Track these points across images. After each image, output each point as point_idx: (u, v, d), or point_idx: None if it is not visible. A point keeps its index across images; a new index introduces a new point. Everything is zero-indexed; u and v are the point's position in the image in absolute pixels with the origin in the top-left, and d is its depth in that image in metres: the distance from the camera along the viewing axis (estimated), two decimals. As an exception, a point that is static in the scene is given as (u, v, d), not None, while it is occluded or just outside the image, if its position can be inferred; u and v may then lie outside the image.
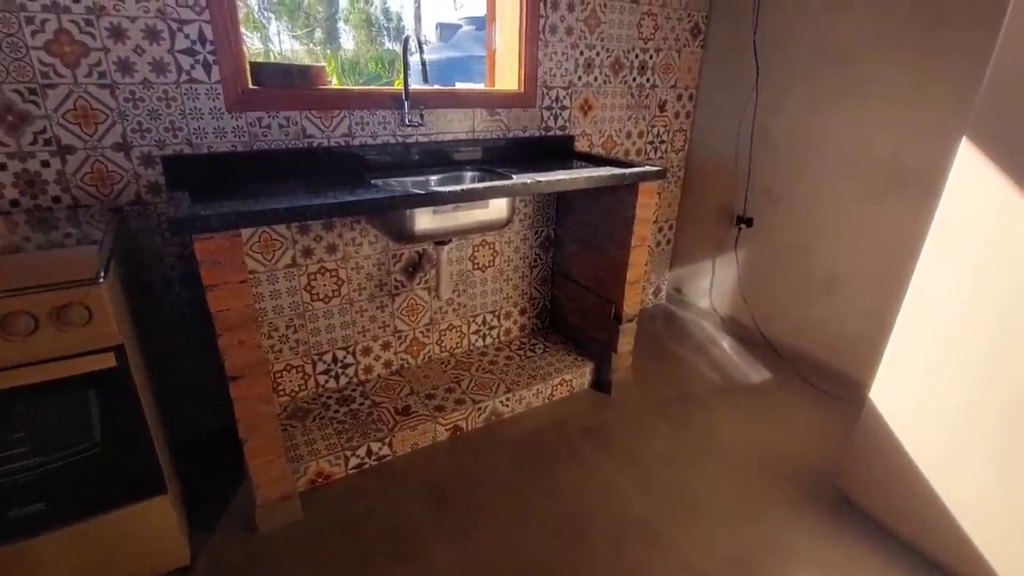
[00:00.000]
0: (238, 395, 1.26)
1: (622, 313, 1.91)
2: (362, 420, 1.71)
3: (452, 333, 2.09)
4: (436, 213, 1.53)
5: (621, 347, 1.98)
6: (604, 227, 1.91)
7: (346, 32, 11.10)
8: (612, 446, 1.77)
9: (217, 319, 1.18)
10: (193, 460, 1.62)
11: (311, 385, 1.83)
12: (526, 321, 2.28)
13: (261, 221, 1.14)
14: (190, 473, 1.57)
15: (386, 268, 1.84)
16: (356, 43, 10.88)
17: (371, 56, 10.05)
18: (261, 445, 1.34)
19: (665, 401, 2.02)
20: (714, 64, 2.37)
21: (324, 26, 10.77)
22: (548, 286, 2.28)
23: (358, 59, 10.12)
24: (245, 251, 1.58)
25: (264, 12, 9.85)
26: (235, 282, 1.17)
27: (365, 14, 10.14)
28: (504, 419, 1.89)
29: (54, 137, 1.33)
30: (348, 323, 1.83)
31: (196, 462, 1.62)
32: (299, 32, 10.17)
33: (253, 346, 1.24)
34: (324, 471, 1.57)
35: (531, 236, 2.14)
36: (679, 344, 2.45)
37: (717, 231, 2.50)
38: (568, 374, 2.01)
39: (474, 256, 2.03)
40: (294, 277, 1.68)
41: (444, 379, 1.95)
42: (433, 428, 1.74)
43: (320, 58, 9.00)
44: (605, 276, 1.96)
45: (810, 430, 1.87)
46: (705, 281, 2.62)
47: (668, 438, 1.82)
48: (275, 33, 10.09)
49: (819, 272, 2.11)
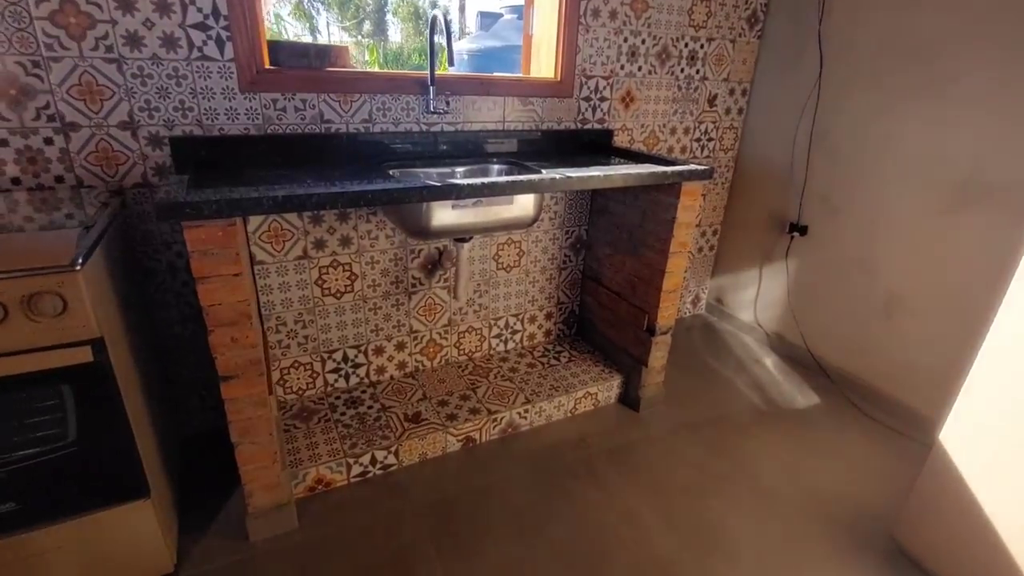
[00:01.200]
0: (230, 396, 1.17)
1: (656, 324, 1.75)
2: (369, 425, 1.60)
3: (471, 336, 1.96)
4: (455, 208, 1.40)
5: (653, 361, 1.81)
6: (641, 230, 1.75)
7: (394, 24, 11.09)
8: (637, 471, 1.61)
9: (208, 314, 1.09)
10: (194, 459, 1.56)
11: (319, 384, 1.74)
12: (551, 326, 2.13)
13: (254, 209, 1.04)
14: (189, 474, 1.50)
15: (403, 264, 1.73)
16: (403, 35, 10.86)
17: (415, 48, 9.99)
18: (254, 450, 1.24)
19: (699, 423, 1.84)
20: (771, 57, 2.16)
21: (373, 18, 10.79)
22: (577, 290, 2.13)
23: (402, 50, 10.08)
24: (253, 241, 1.49)
25: (313, 2, 9.86)
26: (228, 275, 1.07)
27: (413, 6, 10.10)
28: (521, 432, 1.76)
29: (58, 113, 1.27)
30: (361, 320, 1.73)
31: (197, 462, 1.55)
32: (348, 23, 10.22)
33: (247, 344, 1.14)
34: (325, 478, 1.48)
35: (561, 236, 1.99)
36: (717, 359, 2.26)
37: (766, 239, 2.29)
38: (594, 387, 1.85)
39: (498, 255, 1.89)
40: (305, 270, 1.59)
41: (460, 385, 1.83)
42: (444, 438, 1.62)
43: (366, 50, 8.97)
44: (639, 283, 1.79)
45: (863, 467, 1.67)
46: (750, 292, 2.41)
47: (700, 466, 1.65)
48: (324, 24, 10.12)
49: (880, 291, 1.89)
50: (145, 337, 1.35)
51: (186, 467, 1.53)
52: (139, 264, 1.44)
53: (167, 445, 1.37)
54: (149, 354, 1.36)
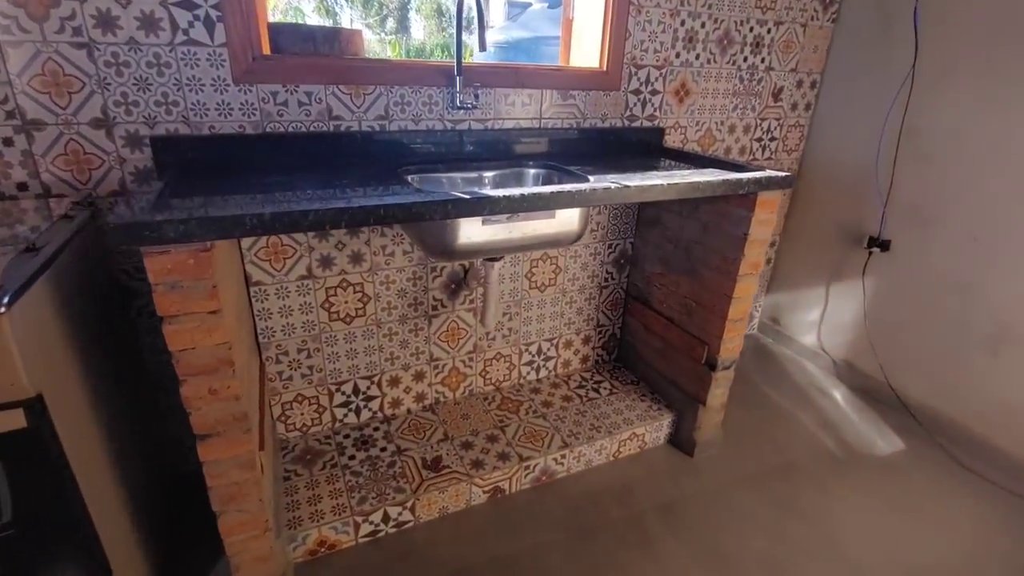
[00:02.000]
0: (209, 458, 0.95)
1: (717, 358, 1.48)
2: (382, 473, 1.38)
3: (499, 363, 1.72)
4: (486, 224, 1.16)
5: (712, 400, 1.55)
6: (701, 246, 1.49)
7: (417, 22, 10.91)
8: (698, 536, 1.36)
9: (178, 361, 0.87)
10: (191, 500, 1.35)
11: (326, 419, 1.52)
12: (589, 351, 1.88)
13: (233, 231, 0.81)
14: (177, 528, 1.30)
15: (423, 284, 1.50)
16: (426, 32, 10.68)
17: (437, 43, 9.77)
18: (241, 519, 1.02)
19: (764, 474, 1.57)
20: (848, 42, 1.87)
21: (396, 15, 10.62)
22: (619, 311, 1.87)
23: (424, 46, 9.87)
24: (249, 258, 1.27)
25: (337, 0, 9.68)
26: (202, 312, 0.85)
27: (436, 3, 9.90)
28: (557, 480, 1.51)
29: (18, 109, 1.06)
30: (374, 348, 1.50)
31: (194, 503, 1.34)
32: (371, 20, 10.06)
33: (229, 396, 0.92)
34: (328, 540, 1.26)
35: (603, 250, 1.74)
36: (777, 390, 1.98)
37: (836, 253, 2.00)
38: (640, 427, 1.60)
39: (532, 273, 1.65)
40: (309, 291, 1.36)
41: (486, 421, 1.59)
42: (468, 490, 1.39)
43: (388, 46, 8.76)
44: (697, 308, 1.53)
45: (972, 536, 1.38)
46: (813, 313, 2.12)
47: (771, 530, 1.38)
48: (348, 21, 9.96)
49: (983, 321, 1.59)
50: (120, 373, 1.14)
51: (176, 515, 1.32)
52: (116, 283, 1.24)
53: (145, 502, 1.16)
54: (125, 393, 1.15)
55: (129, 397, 1.18)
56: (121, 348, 1.20)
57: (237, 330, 0.99)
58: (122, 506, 1.02)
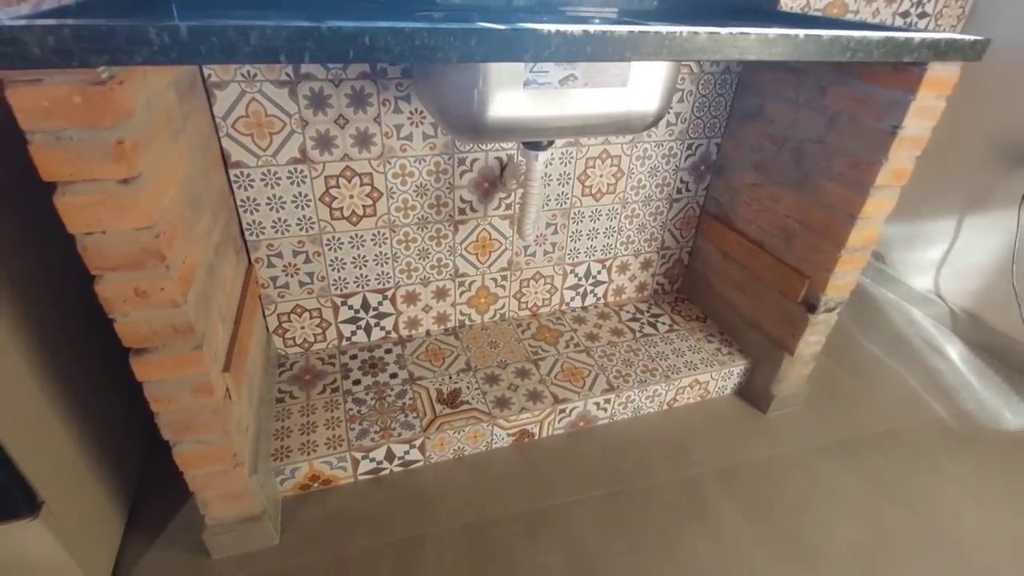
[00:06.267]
0: (148, 378, 0.73)
1: (821, 296, 1.14)
2: (388, 405, 1.16)
3: (538, 285, 1.44)
4: (529, 88, 0.82)
5: (803, 348, 1.23)
6: (821, 146, 1.10)
7: None
8: (765, 510, 1.09)
9: (85, 249, 0.62)
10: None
11: (331, 336, 1.31)
12: (648, 278, 1.56)
13: (132, 54, 0.52)
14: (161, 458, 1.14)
15: (448, 180, 1.20)
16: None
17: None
18: (201, 451, 0.83)
19: (857, 442, 1.27)
20: None
21: None
22: (691, 232, 1.52)
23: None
24: (224, 131, 1.00)
25: None
26: (108, 179, 0.59)
27: None
28: (597, 427, 1.27)
29: None
30: (386, 256, 1.24)
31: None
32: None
33: (164, 302, 0.68)
34: (322, 475, 1.07)
35: (680, 151, 1.37)
36: (878, 343, 1.62)
37: (985, 171, 1.54)
38: (704, 372, 1.31)
39: (586, 175, 1.31)
40: (305, 180, 1.09)
41: (518, 352, 1.33)
42: (489, 431, 1.16)
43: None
44: (802, 230, 1.17)
45: None
46: (934, 250, 1.70)
47: (864, 514, 1.10)
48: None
49: None
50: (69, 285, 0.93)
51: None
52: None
53: (102, 424, 0.98)
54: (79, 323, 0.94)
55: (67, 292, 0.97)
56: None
57: (181, 214, 0.73)
58: (63, 429, 0.84)
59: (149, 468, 1.10)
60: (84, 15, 0.65)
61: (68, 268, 0.89)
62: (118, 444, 1.01)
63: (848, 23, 1.07)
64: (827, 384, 1.42)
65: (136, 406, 1.05)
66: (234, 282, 1.01)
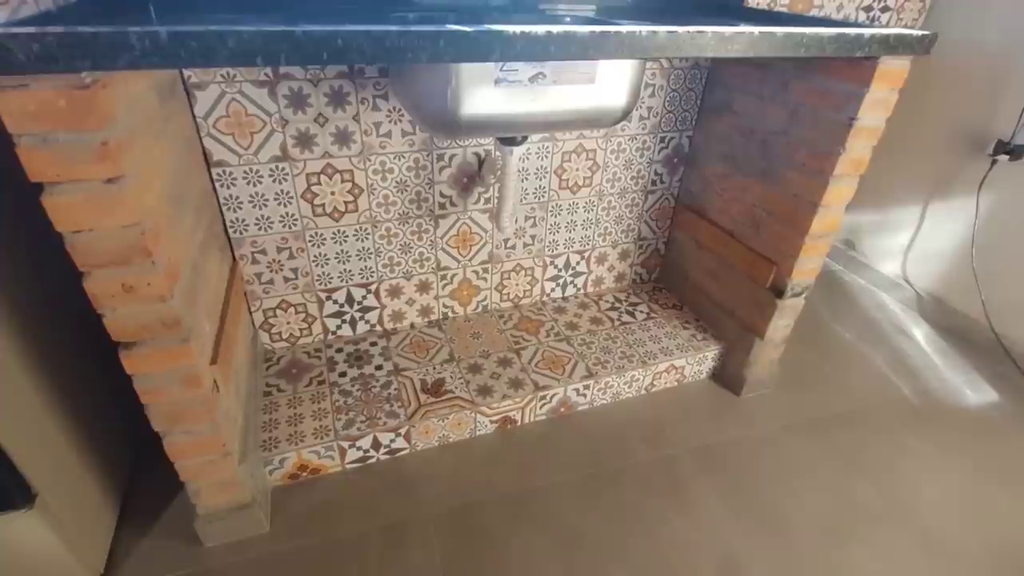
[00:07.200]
0: (137, 371, 0.76)
1: (788, 281, 1.20)
2: (374, 395, 1.20)
3: (519, 277, 1.48)
4: (500, 86, 0.86)
5: (772, 331, 1.28)
6: (783, 138, 1.15)
7: None
8: (736, 486, 1.15)
9: (72, 247, 0.65)
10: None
11: (316, 330, 1.34)
12: (626, 268, 1.61)
13: (114, 59, 0.55)
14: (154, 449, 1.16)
15: (427, 176, 1.23)
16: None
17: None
18: (192, 441, 0.86)
19: (825, 421, 1.33)
20: None
21: None
22: (667, 223, 1.57)
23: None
24: (207, 131, 1.02)
25: None
26: (93, 180, 0.61)
27: None
28: (577, 412, 1.31)
29: None
30: (369, 251, 1.27)
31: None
32: None
33: (152, 296, 0.70)
34: (310, 464, 1.10)
35: (654, 145, 1.41)
36: (846, 325, 1.68)
37: (946, 160, 1.60)
38: (680, 358, 1.36)
39: (562, 169, 1.35)
40: (287, 177, 1.12)
41: (500, 343, 1.37)
42: (472, 418, 1.20)
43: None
44: (768, 219, 1.22)
45: (1085, 515, 1.13)
46: (901, 236, 1.77)
47: (830, 488, 1.16)
48: None
49: None
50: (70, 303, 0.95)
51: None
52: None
53: (96, 429, 1.01)
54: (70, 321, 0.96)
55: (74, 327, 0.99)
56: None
57: (165, 212, 0.76)
58: (55, 422, 0.86)
59: (140, 460, 1.12)
60: (65, 21, 0.67)
61: (57, 266, 0.91)
62: (109, 437, 1.04)
63: (809, 19, 1.12)
64: (798, 367, 1.48)
65: (126, 399, 1.08)
66: (219, 279, 1.04)
